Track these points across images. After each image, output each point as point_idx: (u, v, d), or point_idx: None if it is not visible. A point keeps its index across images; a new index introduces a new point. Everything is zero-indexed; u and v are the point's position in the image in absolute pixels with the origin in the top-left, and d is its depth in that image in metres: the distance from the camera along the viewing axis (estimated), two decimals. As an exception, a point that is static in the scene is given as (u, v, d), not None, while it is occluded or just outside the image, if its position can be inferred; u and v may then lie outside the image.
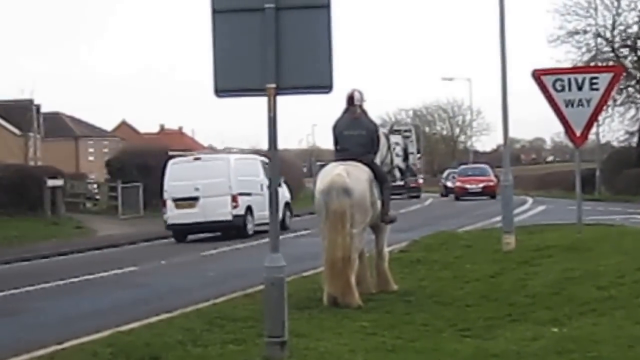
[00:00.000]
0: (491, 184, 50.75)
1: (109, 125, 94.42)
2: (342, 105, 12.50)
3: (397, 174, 13.56)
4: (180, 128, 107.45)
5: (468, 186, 52.64)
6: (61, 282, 17.86)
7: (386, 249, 12.89)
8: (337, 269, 11.34)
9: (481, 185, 52.00)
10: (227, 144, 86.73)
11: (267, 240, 8.47)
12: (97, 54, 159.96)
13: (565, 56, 48.43)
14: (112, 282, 17.85)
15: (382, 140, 12.99)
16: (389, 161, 13.21)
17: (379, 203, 12.19)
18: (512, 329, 9.45)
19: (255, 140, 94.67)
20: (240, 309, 11.51)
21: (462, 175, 55.40)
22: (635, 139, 51.31)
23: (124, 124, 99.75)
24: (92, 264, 21.38)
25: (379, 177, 12.24)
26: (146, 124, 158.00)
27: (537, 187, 65.28)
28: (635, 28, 48.51)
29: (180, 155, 34.27)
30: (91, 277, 18.67)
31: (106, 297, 15.19)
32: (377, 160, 12.65)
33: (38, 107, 64.23)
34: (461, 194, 52.56)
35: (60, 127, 77.92)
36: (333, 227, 11.44)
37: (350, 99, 12.38)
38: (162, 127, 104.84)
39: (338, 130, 12.40)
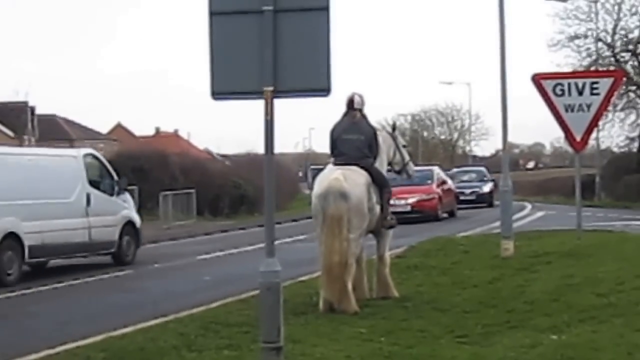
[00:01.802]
0: (429, 197, 34.08)
1: (104, 127, 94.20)
2: (340, 109, 12.41)
3: (412, 167, 13.54)
4: (176, 131, 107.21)
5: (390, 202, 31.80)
6: (58, 285, 17.73)
7: (387, 255, 12.80)
8: (334, 274, 11.27)
9: (411, 200, 33.15)
10: (223, 147, 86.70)
11: (263, 244, 8.37)
12: (93, 56, 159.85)
13: (565, 61, 48.35)
14: (106, 285, 17.77)
15: (389, 141, 13.03)
16: (398, 160, 13.18)
17: (377, 208, 12.11)
18: (511, 336, 9.37)
19: (251, 144, 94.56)
20: (235, 314, 11.45)
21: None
22: (635, 145, 51.22)
23: (119, 127, 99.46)
24: (86, 268, 21.26)
25: (379, 181, 12.15)
26: (142, 127, 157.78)
27: (536, 193, 65.25)
28: (636, 33, 48.44)
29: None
30: (85, 280, 18.57)
31: (100, 301, 15.11)
32: (384, 162, 12.61)
33: (33, 109, 64.10)
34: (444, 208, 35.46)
35: (55, 129, 77.68)
36: (330, 231, 11.36)
37: (350, 103, 12.30)
38: (157, 130, 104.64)
39: (336, 134, 12.32)
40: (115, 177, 22.26)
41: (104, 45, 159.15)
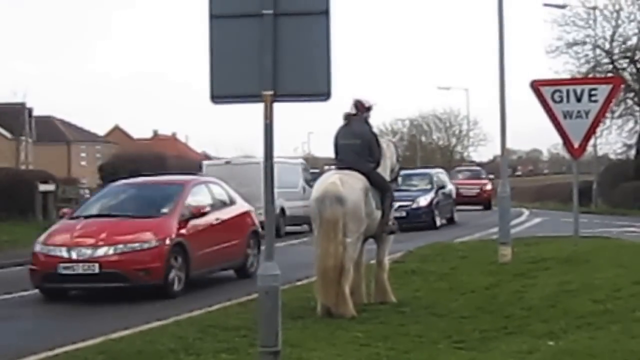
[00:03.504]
0: (149, 245, 14.95)
1: (101, 130, 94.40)
2: (339, 112, 12.47)
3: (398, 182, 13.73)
4: (174, 134, 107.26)
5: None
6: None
7: (387, 260, 12.81)
8: (329, 278, 11.28)
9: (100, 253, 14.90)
10: (220, 151, 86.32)
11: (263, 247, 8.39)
12: (91, 58, 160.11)
13: (563, 67, 48.36)
14: (103, 288, 17.65)
15: (392, 149, 13.09)
16: (397, 171, 13.24)
17: (377, 213, 12.11)
18: (508, 342, 9.38)
19: (250, 148, 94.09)
20: (233, 317, 11.46)
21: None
22: (633, 152, 51.14)
23: (117, 129, 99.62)
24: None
25: (379, 186, 12.16)
26: (139, 130, 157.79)
27: (534, 199, 65.20)
28: (634, 40, 48.40)
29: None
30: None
31: (97, 304, 15.05)
32: (387, 168, 12.63)
33: (30, 111, 64.06)
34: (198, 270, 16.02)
35: (52, 131, 77.81)
36: (326, 235, 11.39)
37: (352, 107, 12.38)
38: (155, 133, 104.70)
39: (337, 139, 12.37)
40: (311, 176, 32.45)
41: (102, 47, 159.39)
